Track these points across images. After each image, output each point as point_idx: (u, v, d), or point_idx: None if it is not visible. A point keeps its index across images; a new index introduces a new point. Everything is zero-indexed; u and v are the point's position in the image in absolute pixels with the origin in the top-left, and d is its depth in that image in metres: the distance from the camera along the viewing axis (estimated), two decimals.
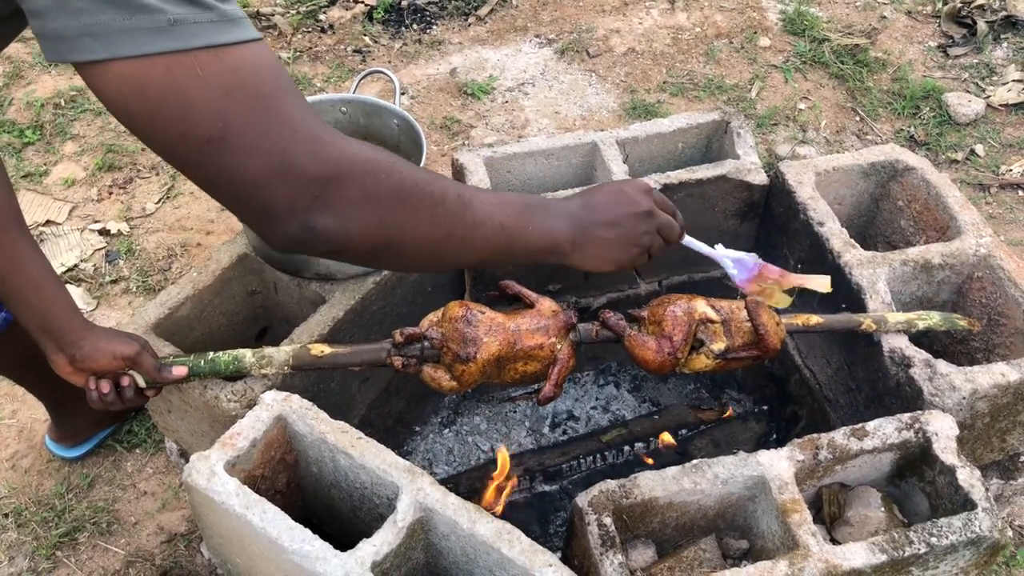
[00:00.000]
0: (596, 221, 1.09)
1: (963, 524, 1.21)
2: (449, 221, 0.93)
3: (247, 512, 1.19)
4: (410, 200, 0.89)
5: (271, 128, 0.79)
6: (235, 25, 0.78)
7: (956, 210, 1.63)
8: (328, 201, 0.83)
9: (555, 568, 1.13)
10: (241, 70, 0.78)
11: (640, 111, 2.94)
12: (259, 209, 0.83)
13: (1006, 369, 1.37)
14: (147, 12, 0.73)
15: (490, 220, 0.97)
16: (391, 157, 0.89)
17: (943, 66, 3.20)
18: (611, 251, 1.11)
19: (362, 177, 0.85)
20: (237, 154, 0.79)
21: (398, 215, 0.89)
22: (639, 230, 1.12)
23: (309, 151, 0.81)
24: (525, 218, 1.01)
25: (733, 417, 1.88)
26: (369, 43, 3.24)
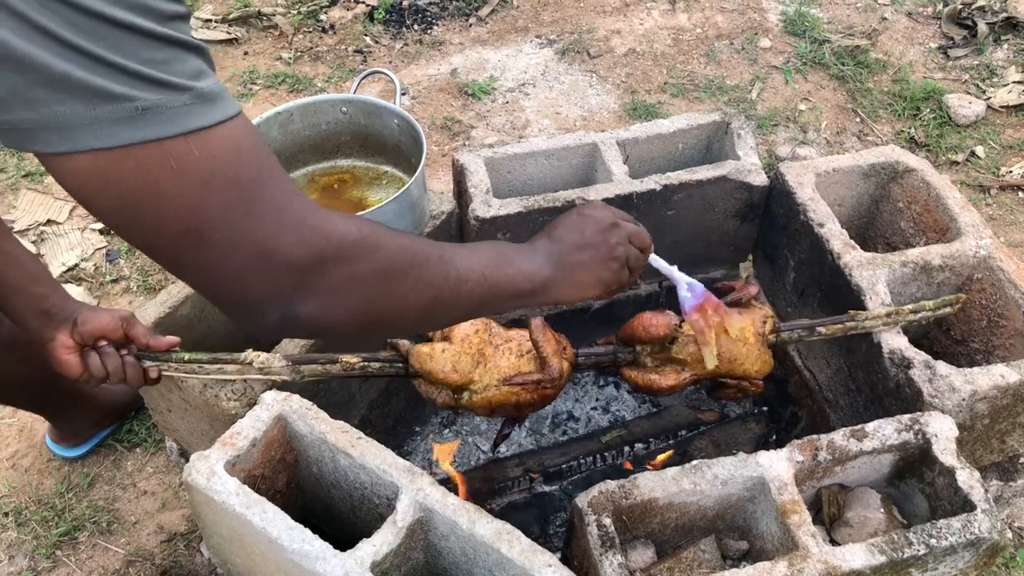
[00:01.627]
0: (567, 248, 1.08)
1: (962, 525, 1.21)
2: (435, 284, 0.91)
3: (247, 512, 1.19)
4: (396, 274, 0.86)
5: (250, 218, 0.75)
6: (211, 104, 0.72)
7: (956, 211, 1.63)
8: (311, 289, 0.79)
9: (554, 568, 1.13)
10: (218, 156, 0.72)
11: (641, 112, 2.94)
12: (238, 301, 0.79)
13: (1005, 371, 1.37)
14: (113, 101, 0.67)
15: (472, 274, 0.95)
16: (375, 230, 0.85)
17: (944, 67, 3.20)
18: (592, 272, 1.10)
19: (347, 262, 0.81)
20: (215, 248, 0.74)
21: (385, 291, 0.86)
22: (611, 243, 1.12)
23: (291, 239, 0.77)
24: (503, 264, 1.00)
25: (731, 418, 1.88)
26: (370, 43, 3.24)
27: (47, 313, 1.25)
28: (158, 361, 1.32)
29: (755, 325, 1.40)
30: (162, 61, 0.69)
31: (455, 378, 1.30)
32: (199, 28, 3.24)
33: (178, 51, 0.71)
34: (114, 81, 0.67)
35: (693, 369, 1.40)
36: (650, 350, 1.41)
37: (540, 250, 1.07)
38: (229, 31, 3.24)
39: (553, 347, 1.33)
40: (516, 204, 1.66)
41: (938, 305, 1.51)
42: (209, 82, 0.73)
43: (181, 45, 0.71)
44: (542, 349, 1.32)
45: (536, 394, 1.32)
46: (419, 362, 1.31)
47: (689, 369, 1.40)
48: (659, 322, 1.37)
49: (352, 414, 1.68)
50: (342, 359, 1.34)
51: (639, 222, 1.21)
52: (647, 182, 1.70)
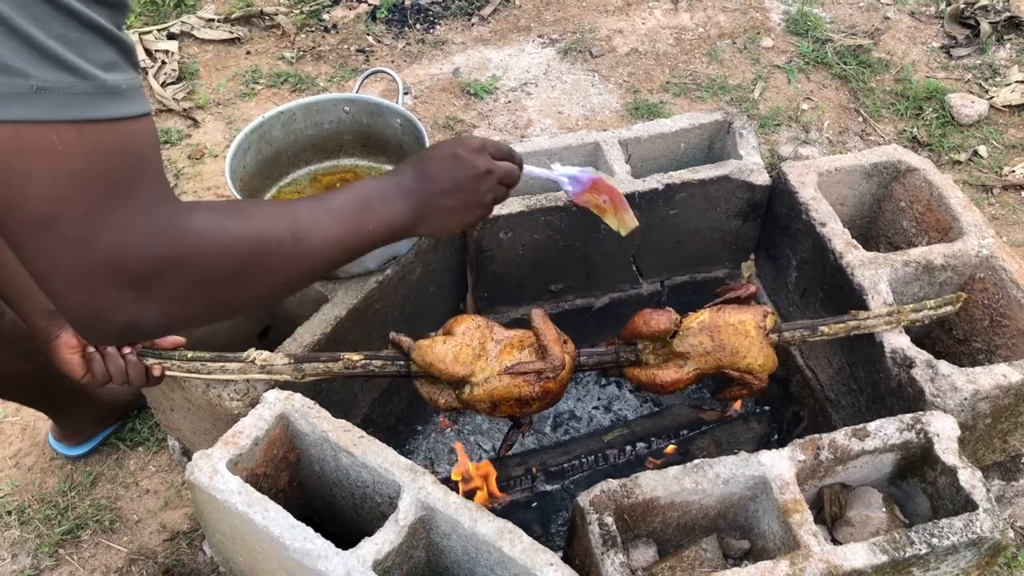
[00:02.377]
0: (436, 192, 1.07)
1: (964, 525, 1.21)
2: (286, 269, 0.90)
3: (249, 510, 1.19)
4: (245, 272, 0.84)
5: (109, 223, 0.72)
6: (115, 99, 0.69)
7: (958, 211, 1.63)
8: (152, 298, 0.77)
9: (556, 567, 1.13)
10: (98, 153, 0.70)
11: (643, 111, 2.94)
12: (76, 305, 0.76)
13: (1008, 370, 1.37)
14: (8, 74, 0.64)
15: (327, 243, 0.94)
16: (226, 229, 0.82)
17: (946, 67, 3.19)
18: (457, 217, 1.11)
19: (193, 269, 0.79)
20: (64, 246, 0.71)
21: (232, 290, 0.84)
22: (481, 191, 1.11)
23: (140, 249, 0.74)
24: (363, 219, 0.98)
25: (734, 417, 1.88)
26: (372, 43, 3.24)
27: (53, 312, 1.25)
28: (161, 359, 1.32)
29: (755, 319, 1.40)
30: (74, 42, 0.67)
31: (456, 369, 1.30)
32: (202, 27, 3.24)
33: (95, 37, 0.68)
34: (16, 53, 0.64)
35: (696, 363, 1.39)
36: (652, 347, 1.42)
37: (407, 190, 1.05)
38: (231, 31, 3.25)
39: (554, 336, 1.34)
40: (518, 203, 1.66)
41: (939, 304, 1.50)
42: (119, 76, 0.70)
43: (100, 32, 0.69)
44: (543, 337, 1.33)
45: (538, 387, 1.32)
46: (420, 355, 1.32)
47: (692, 363, 1.40)
48: (660, 317, 1.38)
49: (354, 413, 1.69)
50: (344, 356, 1.34)
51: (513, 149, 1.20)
52: (649, 181, 1.70)
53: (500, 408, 1.33)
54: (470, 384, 1.32)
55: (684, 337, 1.40)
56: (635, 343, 1.44)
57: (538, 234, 1.70)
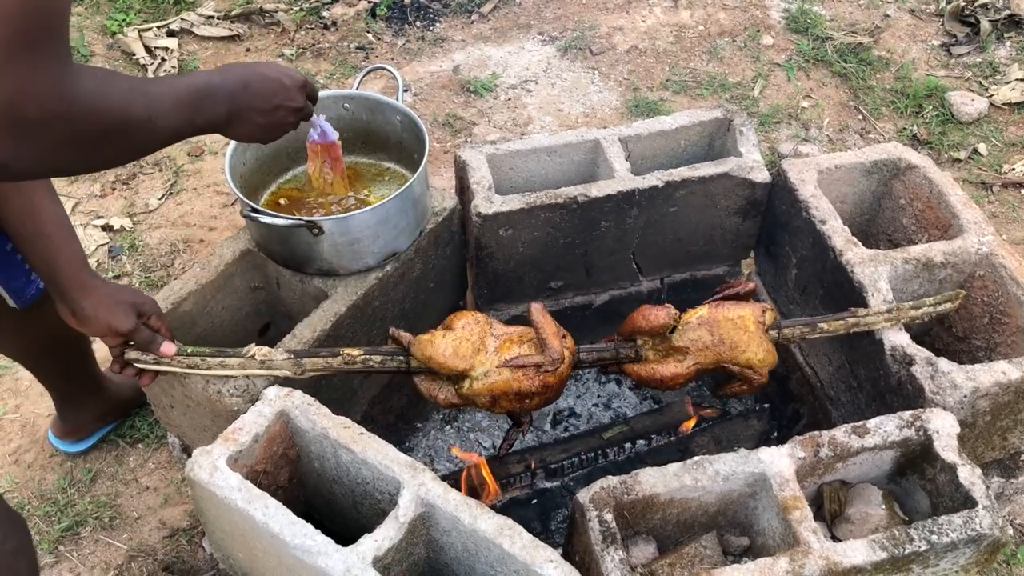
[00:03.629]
0: (252, 107, 1.18)
1: (964, 522, 1.21)
2: (138, 141, 1.00)
3: (249, 507, 1.19)
4: (107, 139, 0.94)
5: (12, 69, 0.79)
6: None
7: (958, 208, 1.63)
8: (32, 144, 0.84)
9: (556, 564, 1.13)
10: (21, 5, 0.77)
11: (643, 109, 2.94)
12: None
13: (1007, 367, 1.37)
14: None
15: (167, 129, 1.03)
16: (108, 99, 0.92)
17: (946, 65, 3.19)
18: (259, 133, 1.22)
19: (71, 127, 0.87)
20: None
21: (92, 151, 0.94)
22: (287, 121, 1.25)
23: (37, 96, 0.82)
24: (194, 114, 1.08)
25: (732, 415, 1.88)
26: (372, 40, 3.24)
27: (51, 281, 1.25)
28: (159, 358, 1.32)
29: (754, 314, 1.40)
30: None
31: (456, 363, 1.30)
32: (201, 24, 3.24)
33: None
34: None
35: (696, 358, 1.39)
36: (651, 343, 1.42)
37: (231, 96, 1.15)
38: (231, 28, 3.24)
39: (553, 329, 1.34)
40: (518, 200, 1.66)
41: (938, 301, 1.51)
42: None
43: None
44: (541, 331, 1.33)
45: (538, 381, 1.32)
46: (420, 350, 1.32)
47: (692, 358, 1.40)
48: (658, 312, 1.38)
49: (354, 410, 1.69)
50: (344, 352, 1.34)
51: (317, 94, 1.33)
52: (649, 179, 1.70)
53: (500, 403, 1.33)
54: (469, 378, 1.32)
55: (683, 332, 1.40)
56: (634, 339, 1.44)
57: (538, 231, 1.70)
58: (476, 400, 1.33)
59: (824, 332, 1.47)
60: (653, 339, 1.41)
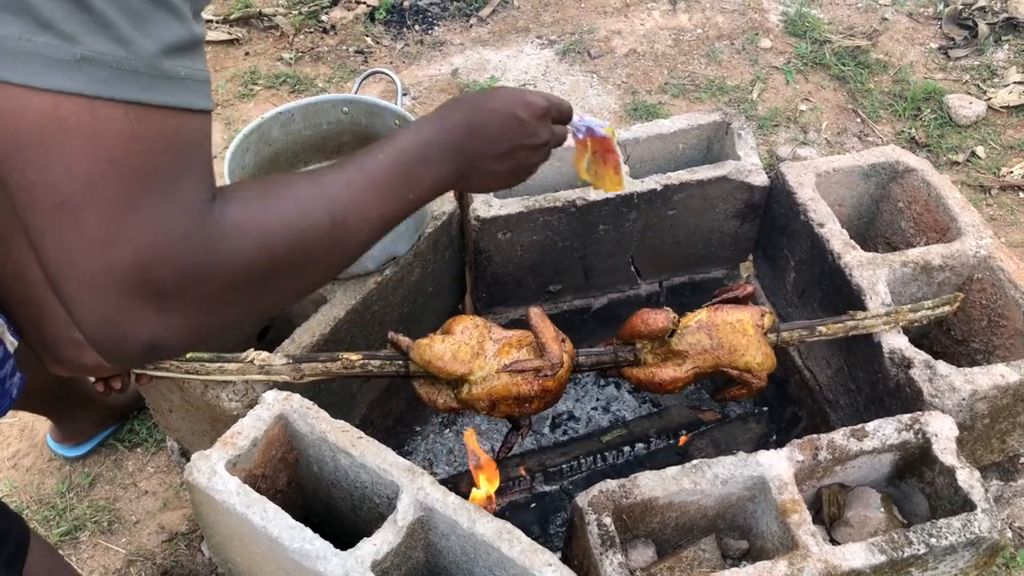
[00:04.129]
0: (486, 154, 0.96)
1: (962, 525, 1.21)
2: (324, 260, 0.81)
3: (248, 511, 1.19)
4: (281, 271, 0.75)
5: (141, 218, 0.63)
6: (170, 84, 0.62)
7: (956, 211, 1.63)
8: (178, 310, 0.68)
9: (555, 568, 1.13)
10: (144, 140, 0.62)
11: (641, 112, 2.95)
12: (93, 315, 0.66)
13: (1006, 371, 1.37)
14: (57, 37, 0.58)
15: (367, 223, 0.84)
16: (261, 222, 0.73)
17: (944, 68, 3.20)
18: (498, 182, 1.01)
19: (223, 276, 0.70)
20: (85, 237, 0.62)
21: (266, 291, 0.75)
22: (532, 161, 1.02)
23: (172, 253, 0.65)
24: (405, 190, 0.88)
25: (731, 418, 1.88)
26: (371, 44, 3.24)
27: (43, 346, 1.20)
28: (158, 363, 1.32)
29: (753, 318, 1.40)
30: (136, 13, 0.60)
31: (455, 367, 1.30)
32: None
33: (162, 13, 0.62)
34: (67, 12, 0.58)
35: (694, 362, 1.39)
36: (650, 347, 1.42)
37: (455, 147, 0.94)
38: (230, 31, 3.25)
39: (552, 334, 1.34)
40: (517, 204, 1.66)
41: (937, 304, 1.51)
42: (180, 63, 0.63)
43: (169, 9, 0.63)
44: (541, 336, 1.33)
45: (537, 385, 1.32)
46: (419, 354, 1.32)
47: (691, 362, 1.39)
48: (657, 316, 1.38)
49: (352, 414, 1.69)
50: (342, 356, 1.34)
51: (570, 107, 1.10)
52: (648, 182, 1.70)
53: (499, 407, 1.33)
54: (468, 383, 1.32)
55: (682, 336, 1.40)
56: (633, 343, 1.44)
57: (537, 235, 1.70)
58: (475, 404, 1.33)
59: (823, 335, 1.47)
60: (652, 343, 1.41)
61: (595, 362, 1.43)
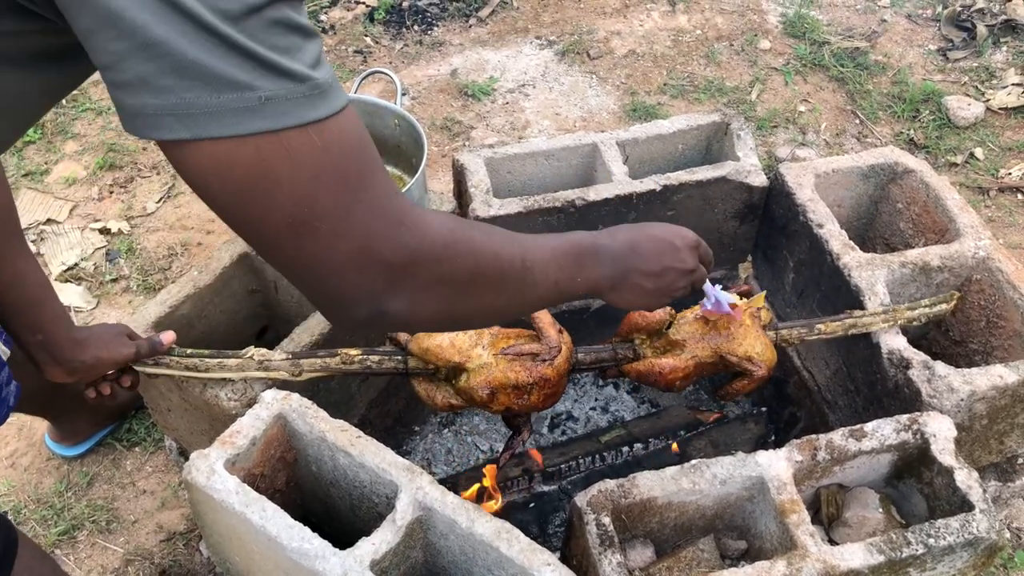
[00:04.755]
0: (639, 269, 1.09)
1: (960, 525, 1.21)
2: (511, 291, 0.93)
3: (246, 510, 1.19)
4: (481, 280, 0.88)
5: (355, 213, 0.76)
6: (326, 97, 0.72)
7: (955, 212, 1.64)
8: (402, 287, 0.81)
9: (553, 567, 1.13)
10: (331, 149, 0.73)
11: (640, 113, 2.95)
12: (334, 295, 0.80)
13: (1004, 371, 1.38)
14: (236, 89, 0.67)
15: (546, 280, 0.97)
16: (467, 233, 0.87)
17: (943, 69, 3.20)
18: (645, 298, 1.12)
19: (438, 262, 0.83)
20: (319, 240, 0.75)
21: (467, 295, 0.88)
22: (677, 285, 1.14)
23: (389, 237, 0.78)
24: (575, 270, 1.01)
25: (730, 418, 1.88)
26: (370, 44, 3.24)
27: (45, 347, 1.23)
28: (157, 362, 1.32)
29: (749, 311, 1.43)
30: (285, 48, 0.69)
31: (452, 354, 1.31)
32: None
33: (298, 38, 0.71)
34: (240, 69, 0.67)
35: (693, 350, 1.40)
36: (649, 341, 1.43)
37: (616, 257, 1.07)
38: None
39: (549, 320, 1.34)
40: (516, 204, 1.66)
41: (934, 303, 1.51)
42: (324, 72, 0.73)
43: (301, 31, 0.71)
44: (539, 322, 1.33)
45: (536, 372, 1.32)
46: (417, 343, 1.32)
47: (689, 351, 1.40)
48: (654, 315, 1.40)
49: (351, 414, 1.68)
50: (342, 352, 1.34)
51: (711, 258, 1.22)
52: (647, 182, 1.71)
53: (498, 397, 1.33)
54: (467, 371, 1.32)
55: (679, 327, 1.41)
56: (632, 339, 1.44)
57: None
58: (474, 394, 1.33)
59: (821, 333, 1.48)
60: (650, 337, 1.42)
61: (594, 359, 1.43)
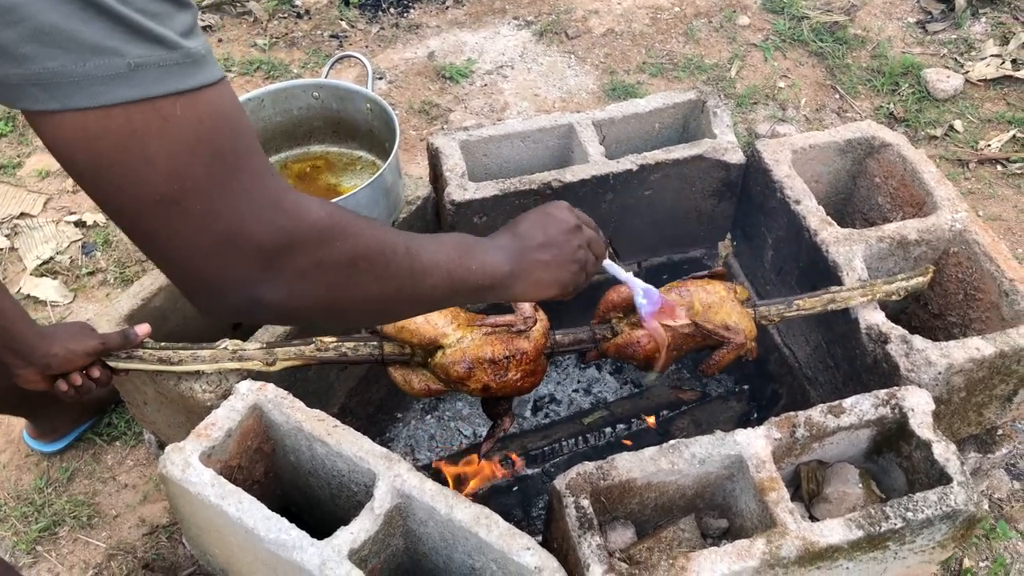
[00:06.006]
0: (530, 246, 1.08)
1: (938, 498, 1.21)
2: (399, 276, 0.89)
3: (222, 502, 1.18)
4: (363, 264, 0.84)
5: (229, 192, 0.71)
6: (200, 66, 0.69)
7: (932, 185, 1.63)
8: (278, 273, 0.76)
9: (532, 551, 1.13)
10: (205, 122, 0.69)
11: (619, 92, 2.92)
12: (202, 280, 0.75)
13: (981, 343, 1.38)
14: (104, 55, 0.63)
15: (436, 268, 0.94)
16: (346, 217, 0.83)
17: (922, 42, 3.19)
18: (552, 272, 1.10)
19: (316, 245, 0.79)
20: (190, 220, 0.71)
21: (350, 281, 0.84)
22: (572, 245, 1.12)
23: (264, 219, 0.74)
24: (467, 259, 0.98)
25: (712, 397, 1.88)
26: (346, 28, 3.20)
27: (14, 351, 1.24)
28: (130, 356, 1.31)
29: (725, 286, 1.44)
30: (155, 14, 0.66)
31: (427, 330, 1.29)
32: None
33: (170, 6, 0.68)
34: (106, 33, 0.64)
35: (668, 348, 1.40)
36: (625, 320, 1.43)
37: (502, 246, 1.06)
38: (202, 18, 3.20)
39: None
40: (492, 187, 1.65)
41: (910, 277, 1.51)
42: (198, 42, 0.69)
43: (178, 2, 0.68)
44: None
45: (512, 346, 1.31)
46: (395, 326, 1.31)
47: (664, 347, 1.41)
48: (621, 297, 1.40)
49: (331, 403, 1.67)
50: (316, 339, 1.32)
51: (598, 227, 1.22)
52: (623, 162, 1.69)
53: (475, 374, 1.31)
54: (443, 347, 1.31)
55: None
56: (609, 320, 1.44)
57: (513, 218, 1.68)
58: (450, 371, 1.31)
59: (800, 309, 1.47)
60: (627, 315, 1.42)
61: (573, 340, 1.43)
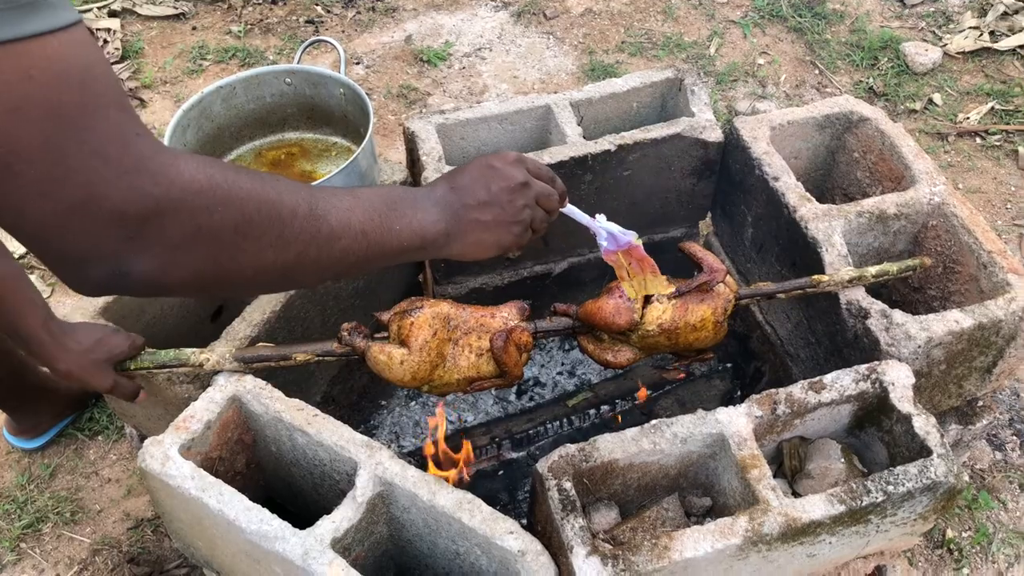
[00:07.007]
0: (468, 204, 0.99)
1: (919, 471, 1.22)
2: (300, 241, 0.80)
3: (203, 495, 1.17)
4: (251, 230, 0.76)
5: (73, 155, 0.62)
6: (32, 10, 0.59)
7: (910, 159, 1.63)
8: (146, 243, 0.68)
9: (516, 535, 1.13)
10: (36, 77, 0.60)
11: (599, 72, 2.91)
12: (60, 253, 0.67)
13: (960, 316, 1.38)
14: None
15: (348, 230, 0.85)
16: (230, 178, 0.74)
17: (900, 16, 3.19)
18: (490, 234, 1.01)
19: (191, 213, 0.70)
20: (27, 188, 0.62)
21: (236, 249, 0.75)
22: (516, 205, 1.02)
23: (123, 184, 0.65)
24: (390, 218, 0.90)
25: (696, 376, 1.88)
26: (321, 13, 3.17)
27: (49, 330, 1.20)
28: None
29: (715, 314, 1.33)
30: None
31: (413, 384, 1.25)
32: (144, 3, 3.14)
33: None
34: None
35: (647, 352, 1.36)
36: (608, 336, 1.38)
37: (439, 201, 0.97)
38: (176, 5, 3.15)
39: (514, 360, 1.27)
40: None
41: (902, 269, 1.49)
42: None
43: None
44: (503, 364, 1.26)
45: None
46: (376, 368, 1.24)
47: (644, 352, 1.36)
48: (620, 320, 1.31)
49: (313, 391, 1.66)
50: (295, 357, 1.29)
51: (555, 175, 1.11)
52: (601, 143, 1.68)
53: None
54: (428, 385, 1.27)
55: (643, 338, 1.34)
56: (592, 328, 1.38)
57: None
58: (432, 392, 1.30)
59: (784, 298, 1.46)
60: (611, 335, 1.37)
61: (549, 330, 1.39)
